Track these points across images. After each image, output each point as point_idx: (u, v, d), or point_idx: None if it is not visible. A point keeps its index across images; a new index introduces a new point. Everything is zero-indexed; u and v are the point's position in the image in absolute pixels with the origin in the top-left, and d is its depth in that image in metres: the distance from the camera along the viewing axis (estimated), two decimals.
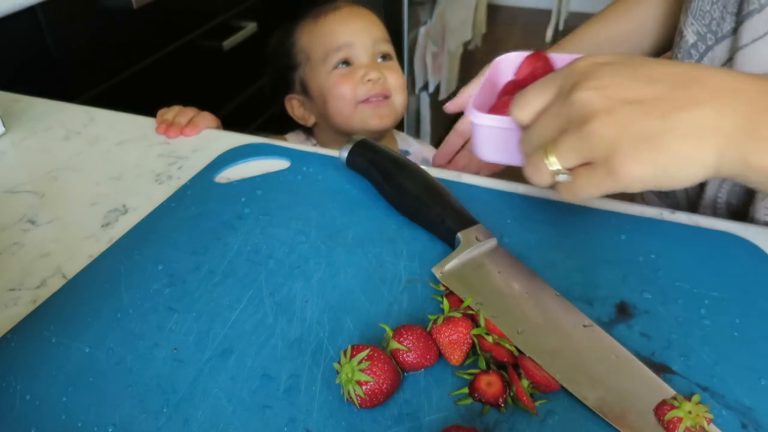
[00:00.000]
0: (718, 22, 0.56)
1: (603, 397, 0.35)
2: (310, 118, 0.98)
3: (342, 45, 0.90)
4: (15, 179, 0.58)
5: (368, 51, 0.92)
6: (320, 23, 0.92)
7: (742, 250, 0.46)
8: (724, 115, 0.37)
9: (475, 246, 0.45)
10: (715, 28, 0.57)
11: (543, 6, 3.62)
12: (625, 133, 0.37)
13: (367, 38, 0.92)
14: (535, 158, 0.41)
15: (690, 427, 0.33)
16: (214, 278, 0.45)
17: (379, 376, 0.35)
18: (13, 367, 0.39)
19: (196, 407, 0.36)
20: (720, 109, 0.37)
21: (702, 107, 0.37)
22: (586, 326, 0.40)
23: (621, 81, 0.38)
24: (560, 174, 0.40)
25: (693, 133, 0.37)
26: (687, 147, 0.37)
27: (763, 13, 0.51)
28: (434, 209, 0.48)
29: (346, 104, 0.91)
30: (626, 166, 0.37)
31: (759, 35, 0.52)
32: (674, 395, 0.35)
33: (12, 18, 0.88)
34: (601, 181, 0.38)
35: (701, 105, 0.37)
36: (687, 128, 0.37)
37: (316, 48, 0.92)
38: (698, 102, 0.37)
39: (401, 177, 0.51)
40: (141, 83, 1.12)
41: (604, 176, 0.38)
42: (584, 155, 0.39)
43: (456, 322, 0.37)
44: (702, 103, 0.37)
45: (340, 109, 0.92)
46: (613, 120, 0.37)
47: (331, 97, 0.92)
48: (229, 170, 0.57)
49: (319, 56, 0.92)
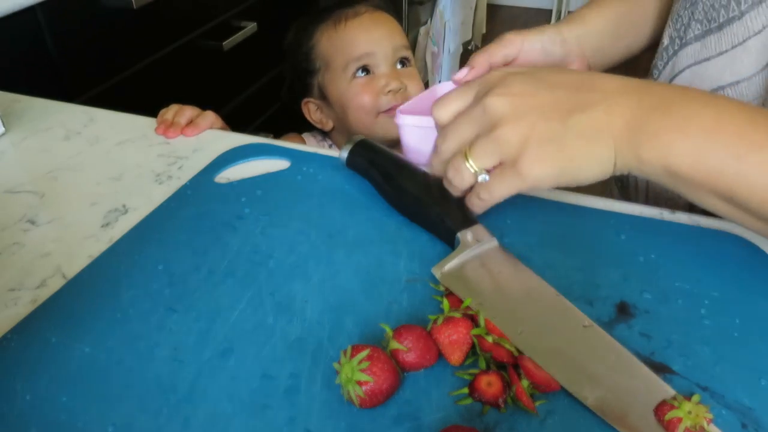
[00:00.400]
0: (685, 28, 0.57)
1: (603, 398, 0.35)
2: (328, 122, 0.98)
3: (362, 54, 0.89)
4: (15, 179, 0.58)
5: (388, 59, 0.91)
6: (340, 30, 0.91)
7: (742, 250, 0.46)
8: (615, 115, 0.41)
9: (475, 246, 0.45)
10: (682, 34, 0.58)
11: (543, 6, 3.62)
12: (530, 137, 0.41)
13: (388, 46, 0.91)
14: (455, 161, 0.44)
15: (690, 428, 0.32)
16: (214, 278, 0.45)
17: (379, 376, 0.35)
18: (13, 367, 0.39)
19: (196, 407, 0.36)
20: (611, 109, 0.41)
21: (595, 108, 0.41)
22: (586, 326, 0.40)
23: (527, 89, 0.43)
24: (480, 175, 0.43)
25: (587, 133, 0.41)
26: (583, 145, 0.41)
27: (733, 26, 0.52)
28: (434, 209, 0.48)
29: (366, 114, 0.91)
30: (531, 166, 0.41)
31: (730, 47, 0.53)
32: (674, 395, 0.35)
33: (12, 18, 0.88)
34: (511, 180, 0.43)
35: (594, 106, 0.41)
36: (582, 128, 0.41)
37: (336, 56, 0.91)
38: (592, 103, 0.41)
39: (401, 177, 0.51)
40: (141, 83, 1.12)
41: (512, 176, 0.42)
42: (496, 157, 0.43)
43: (456, 322, 0.37)
44: (595, 105, 0.41)
45: (360, 119, 0.91)
46: (520, 125, 0.41)
47: (351, 107, 0.91)
48: (229, 170, 0.57)
49: (339, 64, 0.91)
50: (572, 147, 0.41)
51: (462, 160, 0.44)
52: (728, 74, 0.54)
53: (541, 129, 0.41)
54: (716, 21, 0.54)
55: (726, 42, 0.54)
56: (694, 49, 0.57)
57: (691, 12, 0.57)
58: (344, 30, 0.91)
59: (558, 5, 3.40)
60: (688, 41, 0.57)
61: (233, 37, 1.28)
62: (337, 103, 0.93)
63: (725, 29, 0.54)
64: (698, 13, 0.56)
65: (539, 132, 0.41)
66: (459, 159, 0.44)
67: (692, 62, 0.57)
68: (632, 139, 0.40)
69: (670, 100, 0.41)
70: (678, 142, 0.40)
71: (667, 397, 0.35)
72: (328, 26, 0.92)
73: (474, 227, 0.46)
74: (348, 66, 0.90)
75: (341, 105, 0.92)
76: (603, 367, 0.37)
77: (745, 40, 0.53)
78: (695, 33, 0.56)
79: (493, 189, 0.43)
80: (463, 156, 0.44)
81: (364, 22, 0.92)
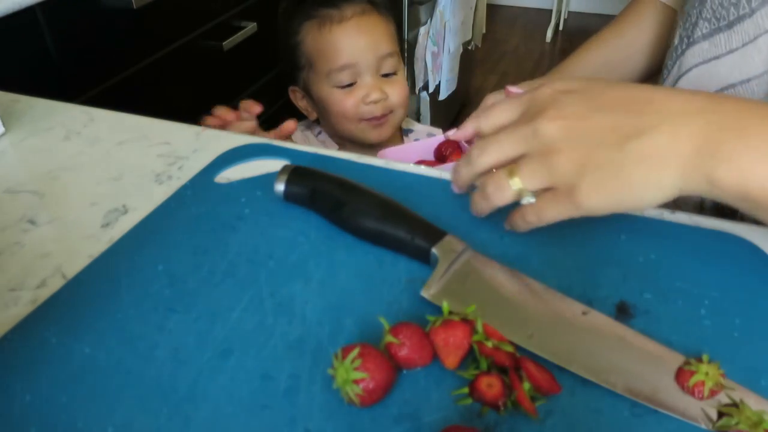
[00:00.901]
0: (693, 27, 0.57)
1: (629, 381, 0.36)
2: (312, 113, 0.99)
3: (345, 65, 0.89)
4: (15, 179, 0.58)
5: (372, 69, 0.91)
6: (325, 34, 0.90)
7: (742, 250, 0.46)
8: (681, 139, 0.39)
9: (454, 258, 0.44)
10: (690, 33, 0.57)
11: (543, 6, 3.62)
12: (586, 165, 0.40)
13: (371, 57, 0.90)
14: (498, 177, 0.43)
15: (713, 388, 0.35)
16: (215, 278, 0.45)
17: (373, 371, 0.35)
18: (13, 367, 0.39)
19: (196, 407, 0.36)
20: (676, 133, 0.39)
21: (656, 132, 0.39)
22: (585, 313, 0.40)
23: (580, 110, 0.41)
24: (526, 196, 0.42)
25: (649, 159, 0.39)
26: (644, 172, 0.39)
27: (744, 23, 0.52)
28: (402, 228, 0.45)
29: (347, 120, 0.92)
30: (588, 196, 0.40)
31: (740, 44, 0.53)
32: (686, 360, 0.37)
33: (12, 18, 0.88)
34: (564, 208, 0.41)
35: (655, 129, 0.39)
36: (642, 154, 0.39)
37: (320, 60, 0.91)
38: (652, 127, 0.39)
39: (355, 201, 0.47)
40: (141, 83, 1.12)
41: (567, 204, 0.41)
42: (547, 182, 0.41)
43: (454, 325, 0.37)
44: (656, 128, 0.39)
45: (340, 122, 0.93)
46: (575, 153, 0.40)
47: (332, 112, 0.92)
48: (229, 170, 0.57)
49: (322, 69, 0.91)
50: (631, 174, 0.39)
51: (506, 177, 0.42)
52: (738, 72, 0.54)
53: (597, 156, 0.39)
54: (726, 19, 0.54)
55: (736, 40, 0.53)
56: (701, 48, 0.57)
57: (699, 11, 0.57)
58: (329, 34, 0.89)
59: (558, 5, 3.41)
60: (695, 40, 0.57)
61: (233, 37, 1.28)
62: (320, 104, 0.94)
63: (735, 27, 0.53)
64: (706, 11, 0.56)
65: (596, 160, 0.39)
66: (502, 176, 0.42)
67: (700, 61, 0.57)
68: (704, 164, 0.38)
69: (743, 119, 0.39)
70: (759, 166, 0.37)
71: (678, 362, 0.37)
72: (313, 26, 0.91)
73: (446, 239, 0.44)
74: (330, 74, 0.90)
75: (323, 106, 0.94)
76: (616, 352, 0.38)
77: (756, 37, 0.52)
78: (703, 32, 0.56)
79: (543, 213, 0.42)
80: (507, 173, 0.42)
81: (349, 30, 0.90)
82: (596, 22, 3.52)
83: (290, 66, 0.97)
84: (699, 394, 0.35)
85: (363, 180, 0.49)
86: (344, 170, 0.52)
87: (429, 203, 0.50)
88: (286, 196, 0.51)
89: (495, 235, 0.47)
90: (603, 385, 0.36)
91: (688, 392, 0.35)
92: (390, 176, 0.55)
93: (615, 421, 0.35)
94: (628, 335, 0.39)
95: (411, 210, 0.47)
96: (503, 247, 0.47)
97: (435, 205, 0.50)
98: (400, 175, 0.55)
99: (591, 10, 3.61)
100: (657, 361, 0.37)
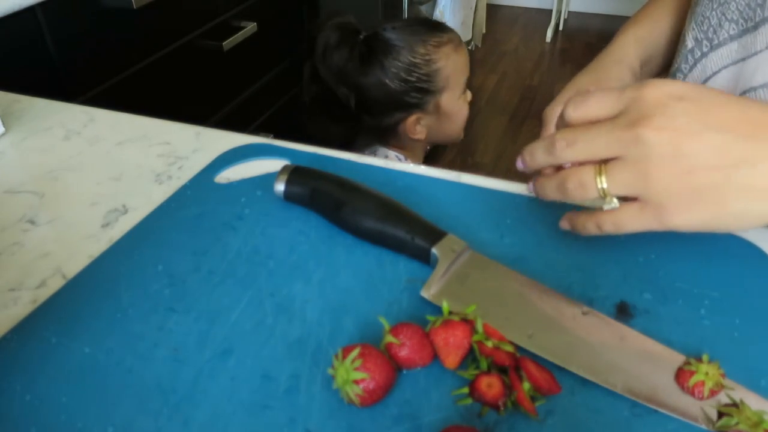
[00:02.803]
0: (715, 29, 0.56)
1: (629, 381, 0.36)
2: (422, 132, 1.13)
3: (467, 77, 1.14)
4: (15, 179, 0.58)
5: None
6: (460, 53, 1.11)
7: (742, 250, 0.46)
8: None
9: (454, 258, 0.44)
10: (712, 35, 0.56)
11: (543, 6, 3.62)
12: (683, 185, 0.37)
13: None
14: (584, 174, 0.40)
15: (713, 388, 0.35)
16: (214, 279, 0.45)
17: (374, 371, 0.35)
18: (13, 367, 0.39)
19: (196, 407, 0.36)
20: None
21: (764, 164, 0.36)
22: (585, 313, 0.40)
23: (691, 126, 0.37)
24: (609, 200, 0.40)
25: (754, 191, 0.37)
26: (745, 204, 0.37)
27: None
28: (402, 228, 0.45)
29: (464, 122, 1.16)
30: (677, 215, 0.38)
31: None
32: (686, 360, 0.37)
33: (12, 18, 0.88)
34: (647, 221, 0.39)
35: (764, 161, 0.36)
36: (748, 184, 0.37)
37: (458, 77, 1.11)
38: (763, 159, 0.37)
39: (354, 201, 0.47)
40: (141, 83, 1.13)
41: (652, 218, 0.39)
42: (638, 193, 0.39)
43: (454, 325, 0.37)
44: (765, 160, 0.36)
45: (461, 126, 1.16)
46: (676, 171, 0.37)
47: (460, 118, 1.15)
48: (229, 170, 0.57)
49: (458, 85, 1.11)
50: (732, 203, 0.37)
51: (592, 175, 0.39)
52: (761, 75, 0.53)
53: (699, 178, 0.37)
54: (753, 20, 0.52)
55: (761, 42, 0.52)
56: (729, 50, 0.55)
57: (722, 12, 0.55)
58: (461, 53, 1.13)
59: (558, 5, 3.40)
60: (721, 42, 0.55)
61: (233, 37, 1.28)
62: (449, 118, 1.13)
63: (761, 29, 0.52)
64: (731, 12, 0.54)
65: (697, 181, 0.37)
66: (589, 173, 0.39)
67: (729, 62, 0.56)
68: None
69: None
70: None
71: (678, 362, 0.37)
72: (449, 50, 1.10)
73: (446, 239, 0.44)
74: (462, 86, 1.12)
75: (449, 117, 1.13)
76: (616, 352, 0.38)
77: None
78: (730, 33, 0.54)
79: (622, 223, 0.40)
80: (595, 171, 0.39)
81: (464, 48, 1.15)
82: (596, 22, 3.52)
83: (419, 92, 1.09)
84: (699, 394, 0.35)
85: (363, 180, 0.49)
86: (344, 170, 0.52)
87: (429, 203, 0.50)
88: (286, 196, 0.51)
89: (495, 235, 0.47)
90: (603, 385, 0.36)
91: (688, 392, 0.35)
92: (390, 176, 0.55)
93: (615, 421, 0.35)
94: (628, 335, 0.39)
95: (411, 210, 0.47)
96: (503, 247, 0.47)
97: (435, 205, 0.50)
98: (400, 175, 0.55)
99: (591, 10, 3.61)
100: (657, 361, 0.37)
